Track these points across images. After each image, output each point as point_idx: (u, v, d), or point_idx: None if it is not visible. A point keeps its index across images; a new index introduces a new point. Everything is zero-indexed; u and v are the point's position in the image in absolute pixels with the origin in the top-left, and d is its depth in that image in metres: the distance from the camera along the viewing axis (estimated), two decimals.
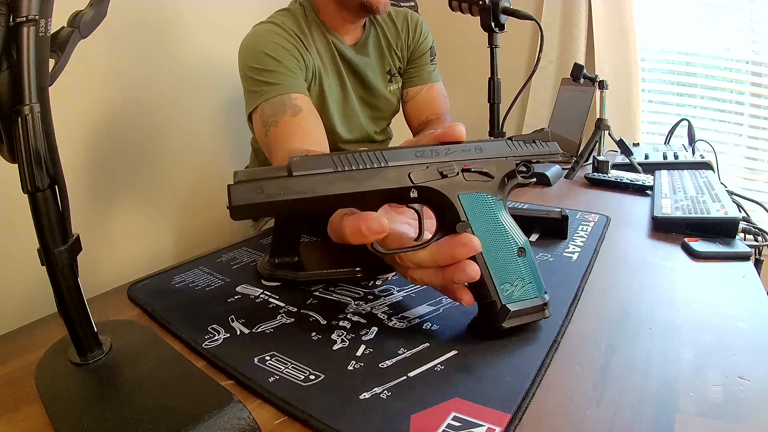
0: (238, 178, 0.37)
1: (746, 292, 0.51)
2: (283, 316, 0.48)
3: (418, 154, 0.41)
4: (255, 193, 0.36)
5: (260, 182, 0.36)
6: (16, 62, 0.31)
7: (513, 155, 0.44)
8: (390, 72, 0.98)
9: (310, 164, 0.38)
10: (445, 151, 0.42)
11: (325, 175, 0.38)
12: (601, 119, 1.08)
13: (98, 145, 0.97)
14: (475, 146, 0.43)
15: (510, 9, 0.78)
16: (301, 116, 0.75)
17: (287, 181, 0.37)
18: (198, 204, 1.21)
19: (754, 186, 1.60)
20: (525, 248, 0.43)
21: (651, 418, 0.33)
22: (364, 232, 0.37)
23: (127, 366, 0.38)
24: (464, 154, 0.42)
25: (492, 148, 0.44)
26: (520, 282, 0.42)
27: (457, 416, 0.33)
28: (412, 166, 0.40)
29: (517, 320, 0.42)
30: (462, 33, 1.35)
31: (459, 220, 0.41)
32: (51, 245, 0.34)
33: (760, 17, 1.53)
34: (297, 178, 0.37)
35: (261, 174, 0.37)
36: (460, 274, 0.40)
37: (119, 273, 0.65)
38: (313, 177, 0.37)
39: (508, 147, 0.44)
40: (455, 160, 0.42)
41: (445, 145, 0.42)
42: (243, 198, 0.36)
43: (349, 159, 0.39)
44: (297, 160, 0.38)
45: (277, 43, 0.80)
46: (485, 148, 0.43)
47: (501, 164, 0.43)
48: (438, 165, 0.41)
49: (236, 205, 0.36)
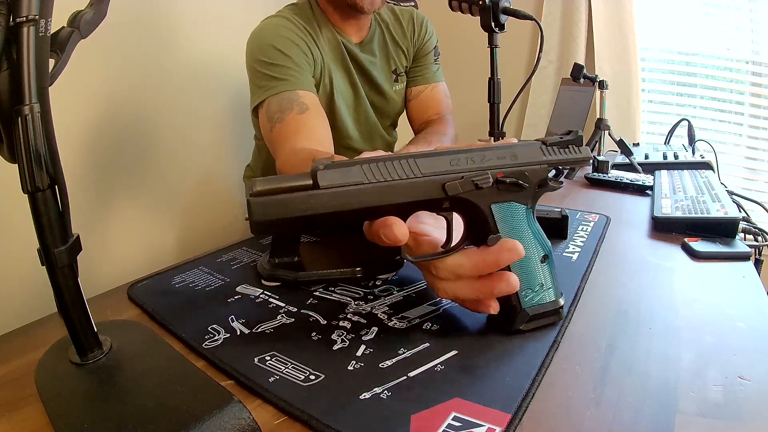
0: (257, 189, 0.32)
1: (746, 292, 0.51)
2: (283, 316, 0.48)
3: (453, 163, 0.39)
4: (280, 207, 0.32)
5: (284, 196, 0.32)
6: (16, 62, 0.31)
7: (548, 162, 0.42)
8: (396, 71, 0.98)
9: (339, 176, 0.35)
10: (480, 158, 0.39)
11: (355, 187, 0.35)
12: (601, 119, 1.08)
13: (98, 145, 0.97)
14: (510, 153, 0.41)
15: (510, 9, 0.78)
16: (308, 114, 0.74)
17: (314, 194, 0.33)
18: (198, 204, 1.21)
19: (754, 186, 1.60)
20: (549, 255, 0.42)
21: (651, 418, 0.33)
22: (383, 240, 0.37)
23: (127, 366, 0.38)
24: (499, 162, 0.40)
25: (526, 154, 0.41)
26: (540, 287, 0.42)
27: (457, 416, 0.33)
28: (446, 176, 0.38)
29: (534, 323, 0.43)
30: (462, 33, 1.36)
31: (489, 229, 0.40)
32: (51, 245, 0.34)
33: (760, 17, 1.53)
34: (325, 192, 0.34)
35: (282, 183, 0.33)
36: (503, 285, 0.39)
37: (119, 273, 0.65)
38: (343, 190, 0.34)
39: (543, 153, 0.42)
40: (490, 169, 0.40)
41: (480, 151, 0.40)
42: (267, 213, 0.32)
43: (380, 169, 0.36)
44: (324, 171, 0.34)
45: (286, 36, 0.79)
46: (520, 155, 0.41)
47: (534, 172, 0.41)
48: (473, 175, 0.39)
49: (259, 220, 0.32)
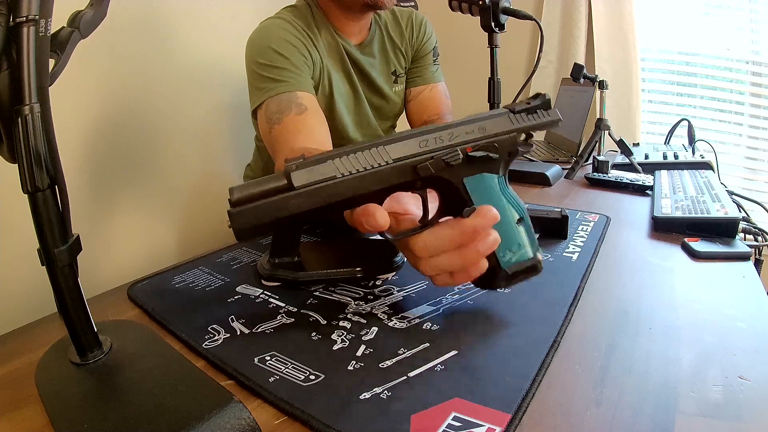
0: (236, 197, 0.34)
1: (746, 292, 0.51)
2: (283, 316, 0.48)
3: (422, 144, 0.39)
4: (258, 213, 0.34)
5: (262, 202, 0.34)
6: (16, 62, 0.31)
7: (516, 129, 0.42)
8: (395, 73, 0.98)
9: (312, 174, 0.35)
10: (448, 136, 0.40)
11: (328, 183, 0.36)
12: (601, 119, 1.08)
13: (98, 145, 0.97)
14: (478, 126, 0.41)
15: (510, 9, 0.78)
16: (306, 115, 0.74)
17: (290, 196, 0.35)
18: (198, 204, 1.21)
19: (754, 186, 1.60)
20: (523, 217, 0.44)
21: (651, 418, 0.33)
22: (365, 227, 0.38)
23: (127, 366, 0.38)
24: (468, 137, 0.41)
25: (494, 125, 0.42)
26: (518, 248, 0.43)
27: (457, 416, 0.33)
28: (417, 158, 0.39)
29: (515, 281, 0.44)
30: (462, 33, 1.36)
31: (464, 202, 0.41)
32: (51, 245, 0.34)
33: (760, 17, 1.53)
34: (299, 192, 0.35)
35: (258, 188, 0.34)
36: (486, 243, 0.40)
37: (119, 273, 0.65)
38: (317, 188, 0.35)
39: (511, 122, 0.42)
40: (459, 145, 0.40)
41: (448, 129, 0.40)
42: (245, 221, 0.34)
43: (351, 161, 0.37)
44: (296, 170, 0.35)
45: (284, 38, 0.79)
46: (488, 127, 0.41)
47: (504, 141, 0.42)
48: (443, 154, 0.39)
49: (240, 228, 0.34)
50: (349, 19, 0.87)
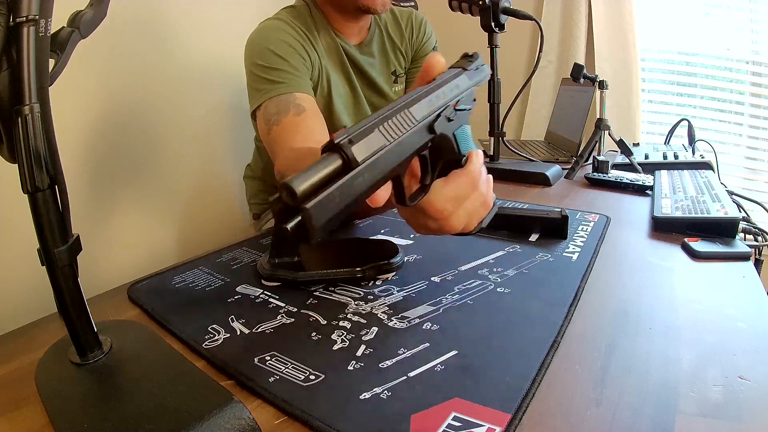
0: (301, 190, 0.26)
1: (746, 292, 0.51)
2: (283, 316, 0.48)
3: (431, 104, 0.40)
4: (332, 202, 0.28)
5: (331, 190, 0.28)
6: (16, 62, 0.31)
7: (475, 83, 0.48)
8: (395, 73, 0.98)
9: (369, 144, 0.31)
10: (442, 95, 0.42)
11: (382, 153, 0.32)
12: (601, 119, 1.08)
13: (98, 145, 0.97)
14: (455, 84, 0.44)
15: (510, 9, 0.78)
16: (305, 116, 0.74)
17: (355, 174, 0.30)
18: (198, 204, 1.21)
19: (754, 186, 1.60)
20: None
21: (651, 418, 0.33)
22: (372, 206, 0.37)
23: (127, 366, 0.38)
24: (452, 93, 0.43)
25: (463, 81, 0.45)
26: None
27: (457, 416, 0.33)
28: (429, 117, 0.39)
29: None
30: (462, 33, 1.36)
31: (455, 154, 0.44)
32: (51, 245, 0.34)
33: (760, 17, 1.53)
34: (364, 167, 0.30)
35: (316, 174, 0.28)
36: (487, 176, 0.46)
37: (119, 273, 0.65)
38: (375, 159, 0.31)
39: (468, 78, 0.47)
40: (450, 101, 0.42)
41: (439, 89, 0.41)
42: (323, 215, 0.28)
43: (392, 126, 0.34)
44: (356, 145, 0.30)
45: (283, 40, 0.79)
46: (460, 83, 0.45)
47: (470, 94, 0.46)
48: (444, 111, 0.41)
49: (319, 225, 0.27)
50: (347, 21, 0.88)
